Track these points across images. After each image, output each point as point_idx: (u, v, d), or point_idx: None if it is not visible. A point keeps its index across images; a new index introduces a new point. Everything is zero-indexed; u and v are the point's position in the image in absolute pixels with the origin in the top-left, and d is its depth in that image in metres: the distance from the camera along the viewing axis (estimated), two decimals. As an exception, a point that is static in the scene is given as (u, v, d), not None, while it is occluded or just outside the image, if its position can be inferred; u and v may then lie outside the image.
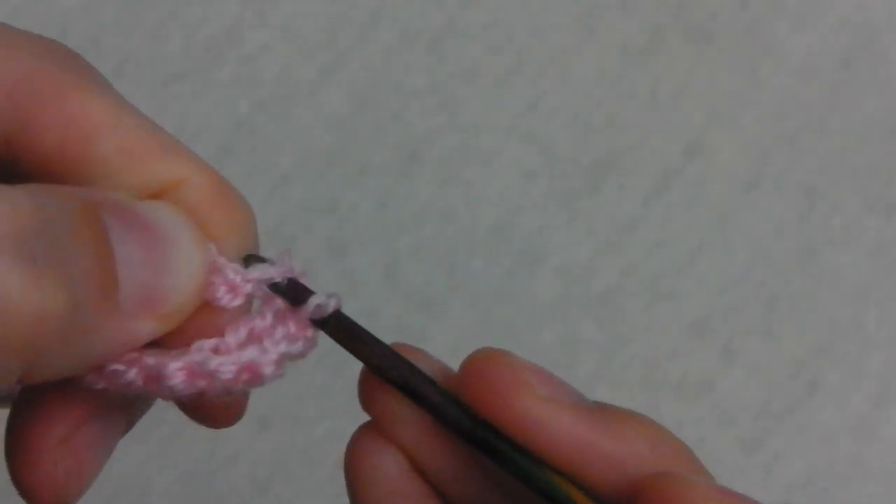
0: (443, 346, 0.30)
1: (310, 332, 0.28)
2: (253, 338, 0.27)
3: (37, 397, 0.26)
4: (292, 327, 0.28)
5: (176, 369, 0.26)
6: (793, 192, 0.56)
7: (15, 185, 0.23)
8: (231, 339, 0.27)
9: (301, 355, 0.28)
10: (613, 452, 0.27)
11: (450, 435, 0.28)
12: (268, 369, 0.27)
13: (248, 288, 0.28)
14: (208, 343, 0.27)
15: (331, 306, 0.28)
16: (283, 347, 0.28)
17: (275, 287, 0.28)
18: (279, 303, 0.28)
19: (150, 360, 0.26)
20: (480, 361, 0.27)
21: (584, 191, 0.56)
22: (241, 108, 0.56)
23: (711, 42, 0.59)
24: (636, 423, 0.28)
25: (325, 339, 0.30)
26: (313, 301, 0.28)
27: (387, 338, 0.30)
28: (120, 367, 0.25)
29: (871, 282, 0.55)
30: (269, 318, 0.28)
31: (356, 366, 0.32)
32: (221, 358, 0.27)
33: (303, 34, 0.58)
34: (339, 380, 0.52)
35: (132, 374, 0.26)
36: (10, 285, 0.21)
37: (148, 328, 0.25)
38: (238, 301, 0.27)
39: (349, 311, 0.30)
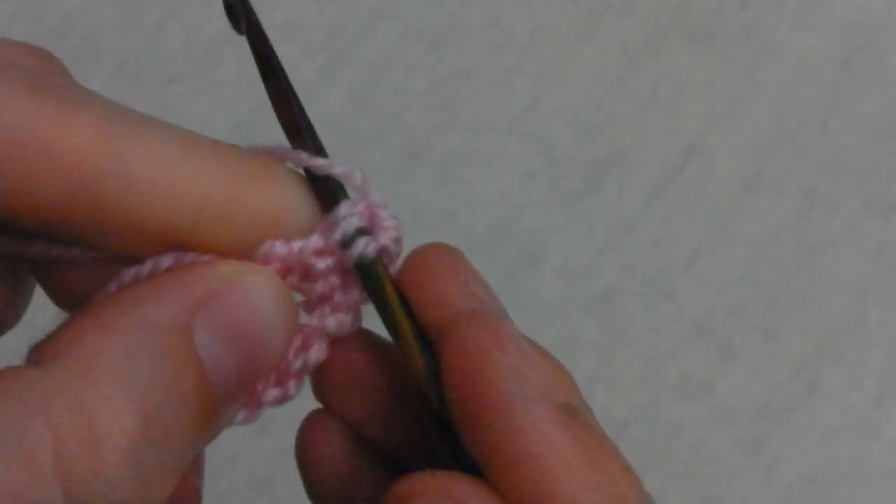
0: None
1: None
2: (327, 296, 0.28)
3: None
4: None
5: (293, 390, 0.28)
6: (793, 192, 0.56)
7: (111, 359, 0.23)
8: (316, 319, 0.28)
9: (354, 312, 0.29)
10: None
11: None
12: (350, 329, 0.29)
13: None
14: (297, 346, 0.28)
15: (358, 255, 0.28)
16: (354, 297, 0.29)
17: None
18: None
19: (269, 395, 0.28)
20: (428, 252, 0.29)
21: (584, 191, 0.56)
22: (241, 108, 0.56)
23: (711, 42, 0.59)
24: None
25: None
26: (357, 248, 0.28)
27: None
28: (244, 416, 0.27)
29: (871, 282, 0.55)
30: (334, 280, 0.28)
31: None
32: (316, 353, 0.28)
33: (303, 34, 0.58)
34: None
35: (258, 414, 0.28)
36: (120, 501, 0.22)
37: (241, 404, 0.27)
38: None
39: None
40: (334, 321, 0.28)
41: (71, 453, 0.21)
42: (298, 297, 0.28)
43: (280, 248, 0.26)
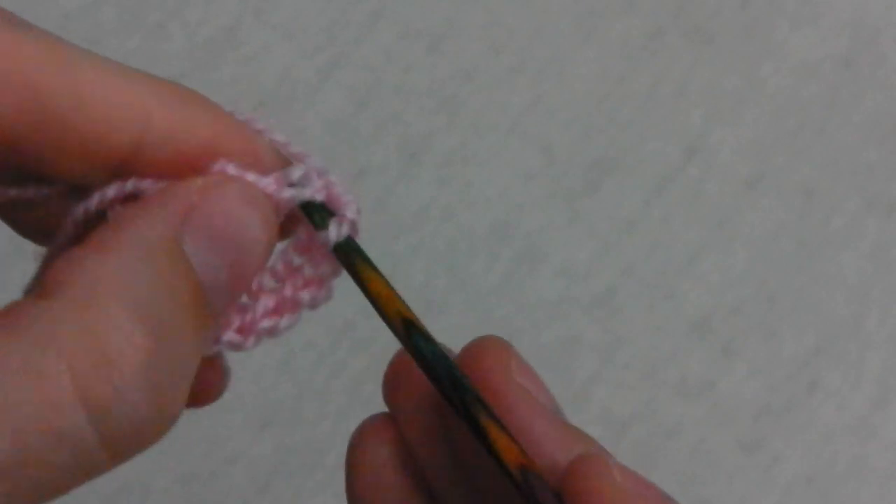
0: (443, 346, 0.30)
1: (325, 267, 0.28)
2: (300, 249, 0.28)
3: None
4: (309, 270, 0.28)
5: (251, 342, 0.27)
6: (793, 192, 0.56)
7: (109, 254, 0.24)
8: (281, 267, 0.28)
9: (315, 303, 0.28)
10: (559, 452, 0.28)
11: (439, 397, 0.28)
12: (322, 302, 0.28)
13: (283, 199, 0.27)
14: (266, 280, 0.28)
15: (335, 237, 0.28)
16: (325, 269, 0.28)
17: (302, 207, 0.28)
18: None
19: (227, 336, 0.27)
20: (484, 343, 0.29)
21: (584, 191, 0.56)
22: (241, 108, 0.56)
23: (711, 42, 0.59)
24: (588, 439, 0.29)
25: (325, 336, 0.29)
26: (323, 235, 0.28)
27: (387, 338, 0.30)
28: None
29: (871, 282, 0.55)
30: (303, 237, 0.28)
31: (355, 366, 0.32)
32: (283, 319, 0.27)
33: (303, 34, 0.58)
34: (339, 380, 0.52)
35: (214, 349, 0.27)
36: (142, 417, 0.23)
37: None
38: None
39: (349, 312, 0.30)
40: (309, 295, 0.28)
41: (88, 378, 0.22)
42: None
43: (233, 170, 0.27)
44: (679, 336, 0.54)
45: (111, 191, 0.26)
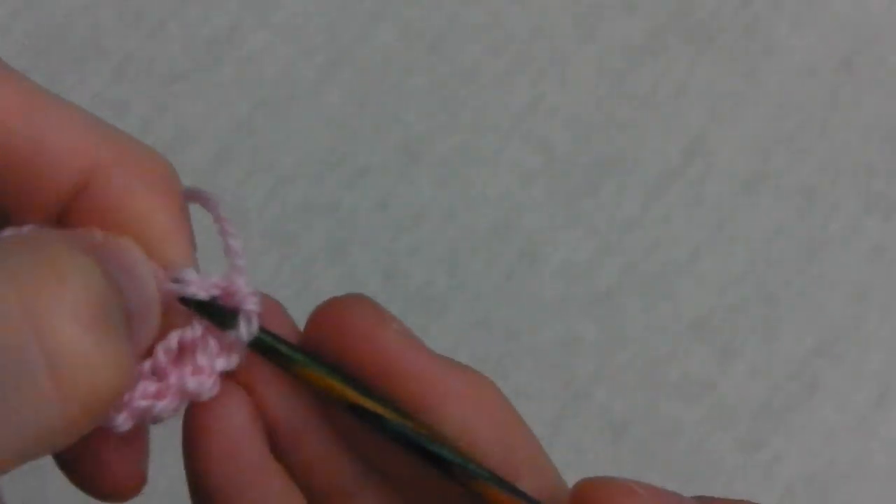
0: (443, 346, 0.30)
1: (239, 352, 0.28)
2: (186, 349, 0.27)
3: None
4: (226, 340, 0.27)
5: (123, 420, 0.26)
6: (793, 192, 0.56)
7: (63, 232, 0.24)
8: (163, 355, 0.27)
9: (230, 369, 0.28)
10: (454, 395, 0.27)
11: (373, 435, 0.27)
12: (207, 396, 0.27)
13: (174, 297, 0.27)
14: (145, 367, 0.27)
15: (245, 335, 0.27)
16: (219, 365, 0.27)
17: (195, 305, 0.27)
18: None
19: None
20: (336, 308, 0.28)
21: (584, 191, 0.56)
22: (241, 108, 0.56)
23: (711, 42, 0.59)
24: (479, 379, 0.28)
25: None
26: (231, 334, 0.27)
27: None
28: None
29: (871, 282, 0.55)
30: (199, 328, 0.27)
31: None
32: (163, 403, 0.26)
33: (303, 34, 0.58)
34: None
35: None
36: (97, 360, 0.22)
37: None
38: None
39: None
40: (195, 383, 0.27)
41: (45, 315, 0.22)
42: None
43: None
44: (679, 336, 0.54)
45: (7, 233, 0.27)
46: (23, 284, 0.22)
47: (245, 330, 0.27)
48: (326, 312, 0.28)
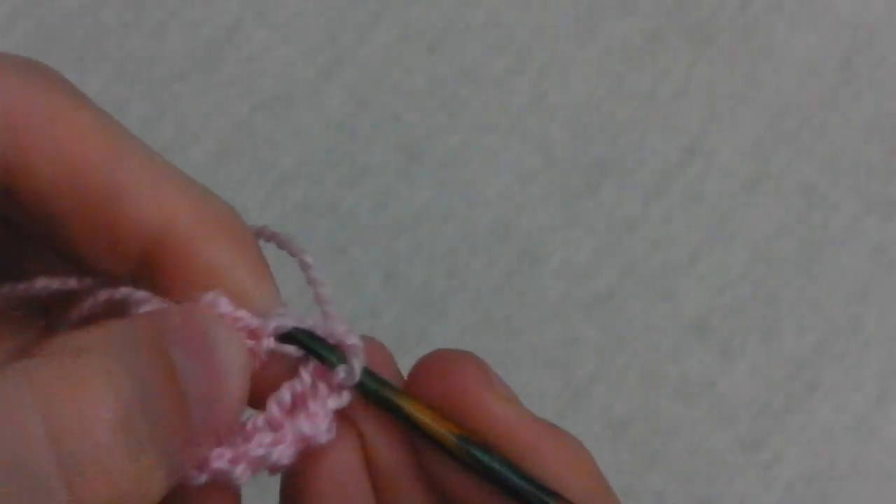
0: (443, 346, 0.30)
1: (345, 391, 0.28)
2: (296, 399, 0.27)
3: None
4: (327, 385, 0.27)
5: (242, 470, 0.26)
6: (793, 192, 0.56)
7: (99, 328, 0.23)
8: (276, 409, 0.27)
9: (343, 407, 0.28)
10: (556, 466, 0.27)
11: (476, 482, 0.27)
12: (323, 438, 0.27)
13: (270, 346, 0.27)
14: (259, 421, 0.27)
15: (357, 371, 0.27)
16: (332, 404, 0.27)
17: (301, 341, 0.27)
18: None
19: (218, 463, 0.26)
20: (440, 363, 0.28)
21: (584, 191, 0.56)
22: (241, 108, 0.56)
23: (711, 42, 0.59)
24: (574, 443, 0.28)
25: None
26: (340, 371, 0.27)
27: (387, 338, 0.30)
28: (192, 472, 0.26)
29: (871, 282, 0.55)
30: (307, 377, 0.27)
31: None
32: (279, 447, 0.26)
33: (303, 34, 0.58)
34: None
35: (203, 478, 0.26)
36: (123, 473, 0.22)
37: (209, 446, 0.26)
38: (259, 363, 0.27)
39: (348, 311, 0.30)
40: (310, 427, 0.27)
41: (62, 419, 0.21)
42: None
43: (226, 305, 0.26)
44: (679, 336, 0.54)
45: (103, 295, 0.26)
46: (46, 392, 0.22)
47: (356, 366, 0.27)
48: (433, 365, 0.28)
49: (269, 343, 0.27)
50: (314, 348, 0.27)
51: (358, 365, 0.27)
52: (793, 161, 0.57)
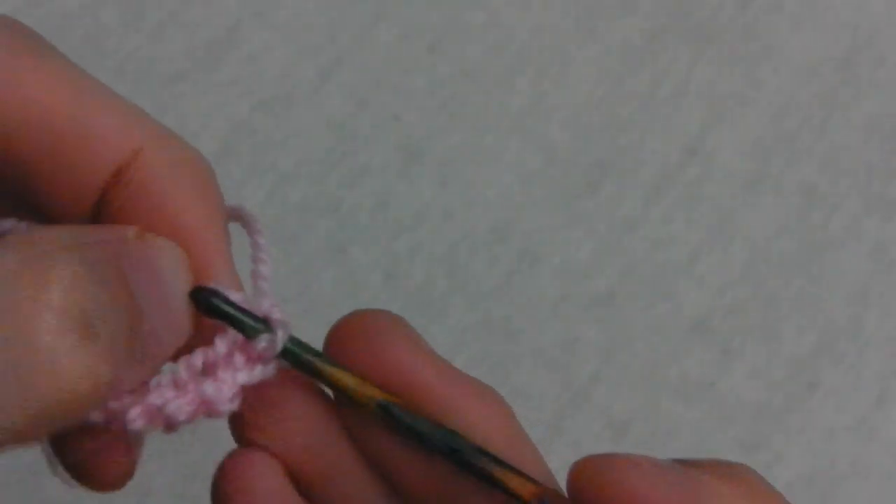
0: (443, 346, 0.30)
1: (265, 364, 0.28)
2: (208, 367, 0.27)
3: None
4: (255, 353, 0.27)
5: (136, 414, 0.26)
6: (793, 192, 0.56)
7: (57, 227, 0.23)
8: (185, 371, 0.27)
9: (261, 381, 0.27)
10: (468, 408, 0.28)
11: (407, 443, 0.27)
12: (224, 406, 0.27)
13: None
14: (165, 379, 0.26)
15: (279, 342, 0.27)
16: (241, 377, 0.27)
17: (222, 311, 0.27)
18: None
19: (114, 404, 0.26)
20: (357, 322, 0.28)
21: (584, 191, 0.56)
22: (241, 109, 0.56)
23: (711, 42, 0.59)
24: (491, 395, 0.28)
25: (324, 336, 0.29)
26: (261, 341, 0.27)
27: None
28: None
29: (871, 282, 0.55)
30: (222, 346, 0.27)
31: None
32: (178, 401, 0.26)
33: (303, 34, 0.58)
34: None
35: (96, 414, 0.26)
36: (75, 364, 0.22)
37: (145, 372, 0.26)
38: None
39: (348, 310, 0.30)
40: (213, 389, 0.27)
41: (19, 301, 0.22)
42: None
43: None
44: (679, 336, 0.54)
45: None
46: (6, 285, 0.22)
47: (279, 337, 0.27)
48: (348, 325, 0.28)
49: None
50: (235, 316, 0.27)
51: (282, 336, 0.27)
52: (793, 161, 0.57)
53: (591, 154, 0.57)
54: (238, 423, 0.28)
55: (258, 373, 0.27)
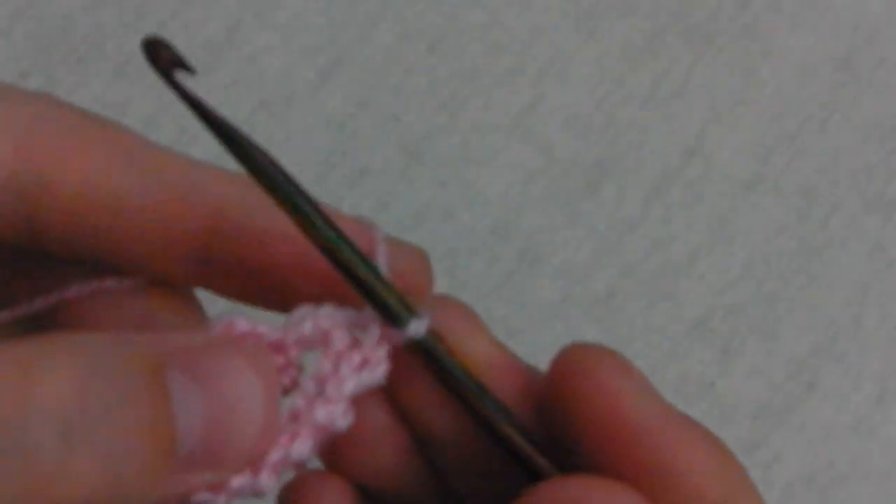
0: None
1: (386, 362, 0.27)
2: (321, 383, 0.27)
3: None
4: (364, 355, 0.27)
5: (266, 479, 0.25)
6: (793, 192, 0.56)
7: (74, 339, 0.23)
8: (300, 401, 0.26)
9: (374, 384, 0.27)
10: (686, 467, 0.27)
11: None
12: (339, 423, 0.26)
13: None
14: (285, 421, 0.26)
15: (422, 330, 0.27)
16: (349, 387, 0.26)
17: (366, 286, 0.26)
18: (341, 338, 0.27)
19: (237, 482, 0.25)
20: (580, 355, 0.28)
21: (584, 191, 0.56)
22: (242, 109, 0.56)
23: (711, 42, 0.59)
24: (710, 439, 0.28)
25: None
26: (410, 328, 0.26)
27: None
28: (206, 496, 0.25)
29: (871, 281, 0.55)
30: (332, 359, 0.27)
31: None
32: (298, 445, 0.26)
33: (303, 35, 0.58)
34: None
35: (221, 500, 0.25)
36: (45, 464, 0.21)
37: (212, 478, 0.25)
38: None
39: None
40: (325, 412, 0.26)
41: (10, 371, 0.21)
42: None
43: (243, 325, 0.26)
44: (679, 336, 0.54)
45: (85, 286, 0.27)
46: (23, 368, 0.21)
47: (424, 325, 0.27)
48: (573, 359, 0.28)
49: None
50: (386, 299, 0.26)
51: (425, 325, 0.27)
52: (793, 161, 0.57)
53: (591, 154, 0.57)
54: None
55: (367, 377, 0.27)
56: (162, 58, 0.25)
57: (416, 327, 0.26)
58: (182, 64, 0.26)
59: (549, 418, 0.27)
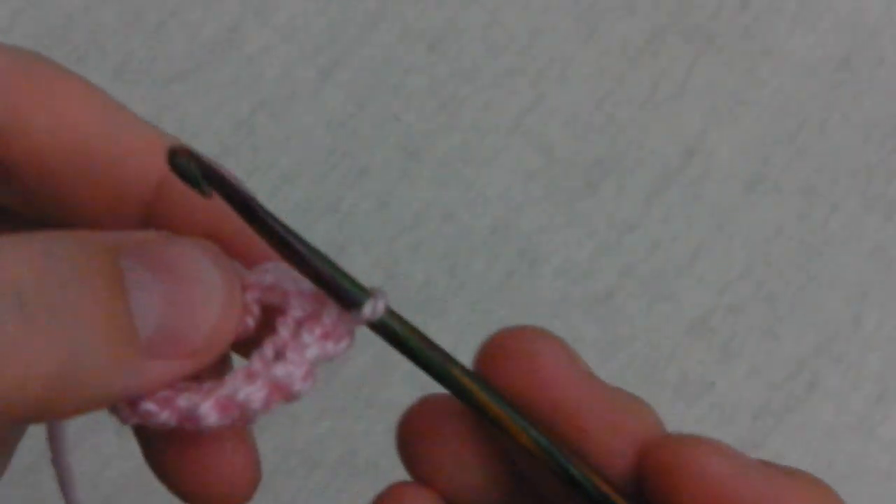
0: (443, 345, 0.30)
1: (349, 336, 0.27)
2: (280, 353, 0.26)
3: None
4: (325, 328, 0.27)
5: (208, 408, 0.25)
6: (793, 192, 0.56)
7: (32, 233, 0.23)
8: (257, 361, 0.26)
9: (338, 355, 0.27)
10: (621, 422, 0.28)
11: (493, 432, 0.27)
12: (297, 386, 0.26)
13: (256, 296, 0.27)
14: (240, 373, 0.26)
15: (379, 310, 0.26)
16: (311, 353, 0.26)
17: (321, 280, 0.26)
18: (301, 305, 0.27)
19: (183, 401, 0.25)
20: (508, 340, 0.28)
21: (584, 191, 0.56)
22: (242, 108, 0.56)
23: (711, 42, 0.59)
24: (641, 402, 0.28)
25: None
26: (366, 310, 0.26)
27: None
28: (152, 407, 0.25)
29: (871, 282, 0.55)
30: (285, 332, 0.26)
31: (355, 365, 0.31)
32: (248, 388, 0.26)
33: (303, 35, 0.58)
34: (339, 379, 0.52)
35: (165, 415, 0.25)
36: (2, 334, 0.21)
37: (174, 368, 0.25)
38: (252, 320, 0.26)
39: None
40: (284, 369, 0.26)
41: None
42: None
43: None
44: (679, 336, 0.54)
45: None
46: None
47: (379, 306, 0.26)
48: (507, 340, 0.28)
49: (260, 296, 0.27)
50: (336, 281, 0.26)
51: (381, 306, 0.27)
52: (793, 161, 0.57)
53: (591, 154, 0.57)
54: (402, 457, 0.28)
55: (331, 348, 0.27)
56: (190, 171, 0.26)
57: (373, 308, 0.26)
58: (207, 174, 0.26)
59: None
